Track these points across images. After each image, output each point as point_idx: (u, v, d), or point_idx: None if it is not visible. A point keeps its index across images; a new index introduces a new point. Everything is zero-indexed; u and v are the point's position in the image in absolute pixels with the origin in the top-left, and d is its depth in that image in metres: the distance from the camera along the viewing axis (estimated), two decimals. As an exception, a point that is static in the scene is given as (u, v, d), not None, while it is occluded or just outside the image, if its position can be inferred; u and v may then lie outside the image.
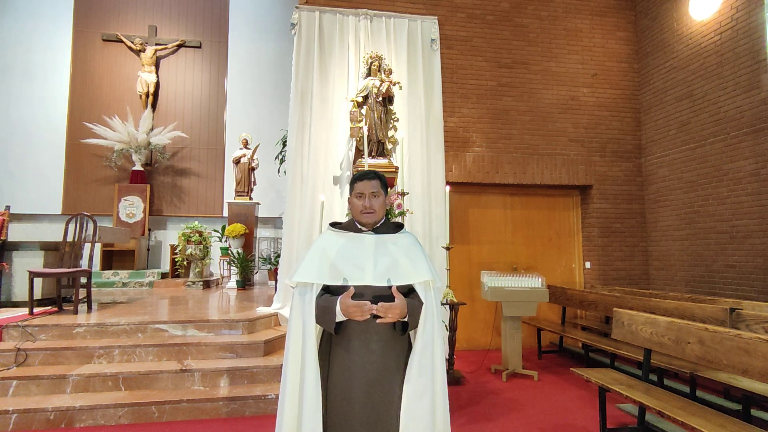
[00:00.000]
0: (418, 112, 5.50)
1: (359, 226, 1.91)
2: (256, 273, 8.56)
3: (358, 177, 1.91)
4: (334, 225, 1.95)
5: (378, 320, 1.71)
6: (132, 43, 9.36)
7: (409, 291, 1.86)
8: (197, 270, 7.53)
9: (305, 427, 1.71)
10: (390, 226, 1.96)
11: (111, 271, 7.98)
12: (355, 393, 1.75)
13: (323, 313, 1.77)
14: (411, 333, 1.90)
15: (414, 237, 1.97)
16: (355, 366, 1.76)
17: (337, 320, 1.75)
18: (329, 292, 1.85)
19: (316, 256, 1.84)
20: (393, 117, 5.21)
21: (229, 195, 8.75)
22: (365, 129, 4.81)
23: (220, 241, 7.84)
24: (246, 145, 8.36)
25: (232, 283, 7.47)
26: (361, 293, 1.76)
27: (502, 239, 6.28)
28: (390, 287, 1.77)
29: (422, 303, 1.81)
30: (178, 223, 8.71)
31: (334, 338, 1.82)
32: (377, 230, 1.91)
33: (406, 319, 1.78)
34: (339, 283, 1.78)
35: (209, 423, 3.39)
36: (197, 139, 9.57)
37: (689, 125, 5.63)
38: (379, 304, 1.70)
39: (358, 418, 1.73)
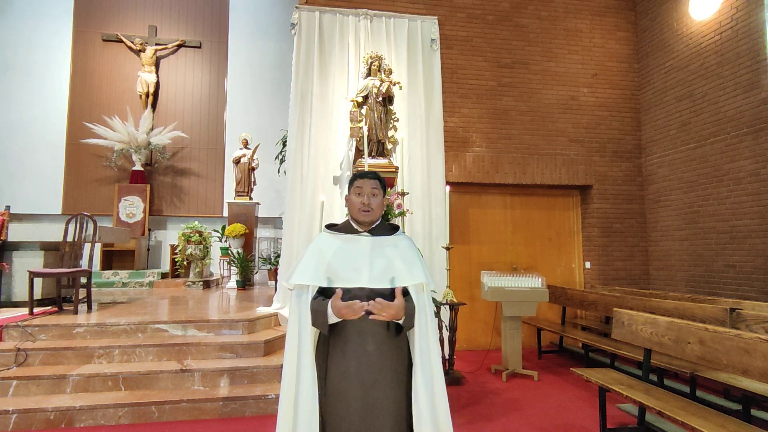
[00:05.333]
0: (418, 112, 5.50)
1: (355, 227, 1.91)
2: (256, 273, 8.56)
3: (358, 175, 1.91)
4: (330, 227, 1.95)
5: (371, 316, 1.69)
6: (132, 43, 9.36)
7: (403, 292, 1.87)
8: (197, 270, 7.53)
9: (301, 429, 1.73)
10: (386, 227, 1.95)
11: (111, 271, 7.98)
12: (351, 394, 1.74)
13: (317, 316, 1.77)
14: (408, 334, 1.91)
15: (410, 239, 1.97)
16: (351, 367, 1.76)
17: (330, 322, 1.75)
18: (326, 293, 1.85)
19: (312, 259, 1.84)
20: (393, 117, 5.21)
21: (229, 195, 8.75)
22: (365, 129, 4.81)
23: (220, 241, 7.84)
24: (246, 145, 8.36)
25: (232, 283, 7.47)
26: (357, 295, 1.75)
27: (502, 239, 6.28)
28: (387, 289, 1.77)
29: (414, 306, 1.82)
30: (178, 223, 8.71)
31: (331, 340, 1.82)
32: (373, 232, 1.90)
33: (400, 321, 1.78)
34: (334, 285, 1.77)
35: (209, 423, 3.39)
36: (197, 139, 9.57)
37: (689, 125, 5.63)
38: (377, 299, 1.68)
39: (355, 419, 1.73)
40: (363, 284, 1.76)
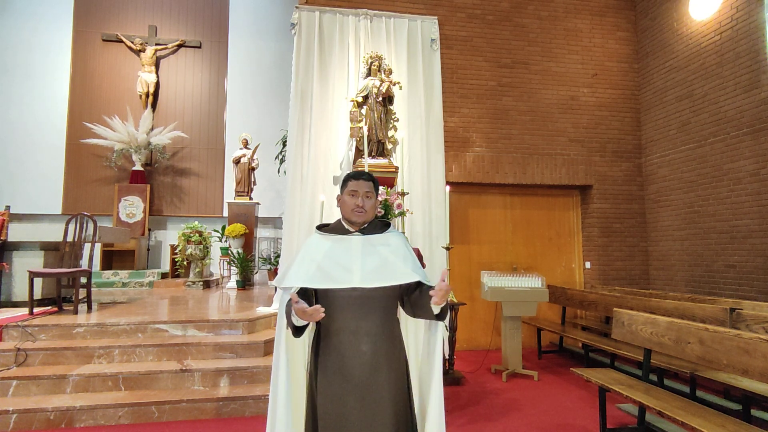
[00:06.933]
0: (418, 112, 5.50)
1: (347, 227, 1.90)
2: (256, 273, 8.56)
3: (353, 176, 1.88)
4: (321, 228, 1.94)
5: (433, 301, 1.67)
6: (132, 43, 9.36)
7: (401, 290, 1.89)
8: (197, 270, 7.53)
9: (278, 428, 1.75)
10: (377, 225, 1.94)
11: (111, 271, 7.97)
12: (348, 395, 1.74)
13: (287, 318, 1.76)
14: (405, 331, 1.96)
15: (402, 236, 1.95)
16: (346, 368, 1.75)
17: (297, 324, 1.71)
18: (316, 294, 1.85)
19: (303, 261, 1.83)
20: (393, 117, 5.20)
21: (229, 195, 8.75)
22: (365, 129, 4.81)
23: (220, 241, 7.84)
24: (246, 145, 8.36)
25: (232, 283, 7.47)
26: (349, 295, 1.75)
27: (502, 239, 6.28)
28: (379, 289, 1.77)
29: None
30: (178, 223, 8.70)
31: (324, 339, 1.81)
32: (364, 231, 1.88)
33: (439, 308, 1.75)
34: (325, 286, 1.76)
35: (209, 423, 3.39)
36: (197, 139, 9.56)
37: (689, 125, 5.63)
38: (445, 283, 1.66)
39: (354, 419, 1.72)
40: (355, 284, 1.74)
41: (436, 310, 1.74)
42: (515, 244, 6.31)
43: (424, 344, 2.01)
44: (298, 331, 1.74)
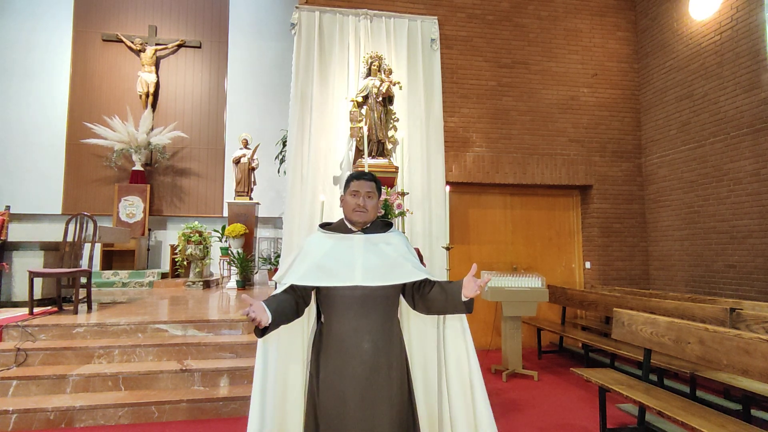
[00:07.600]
0: (418, 112, 5.50)
1: (349, 227, 1.91)
2: (256, 273, 8.56)
3: (355, 176, 1.90)
4: (324, 226, 1.95)
5: (473, 294, 1.76)
6: (132, 43, 9.36)
7: (403, 288, 1.90)
8: (197, 270, 7.53)
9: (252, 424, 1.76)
10: (378, 225, 1.95)
11: (111, 271, 7.97)
12: (348, 392, 1.74)
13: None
14: (405, 330, 1.98)
15: (403, 236, 1.97)
16: (346, 366, 1.76)
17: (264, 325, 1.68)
18: (318, 293, 1.87)
19: (306, 258, 1.84)
20: (393, 117, 5.20)
21: (229, 195, 8.75)
22: (365, 129, 4.80)
23: (220, 241, 7.84)
24: (246, 145, 8.36)
25: (232, 283, 7.48)
26: (350, 293, 1.76)
27: (502, 239, 6.28)
28: (380, 287, 1.78)
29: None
30: (178, 223, 8.71)
31: (325, 338, 1.82)
32: (366, 230, 1.90)
33: (469, 298, 1.81)
34: (326, 284, 1.77)
35: (209, 423, 3.39)
36: (197, 139, 9.57)
37: (689, 125, 5.63)
38: (485, 277, 1.75)
39: (353, 418, 1.73)
40: (356, 282, 1.76)
41: (468, 303, 1.80)
42: (515, 244, 6.31)
43: (439, 342, 2.01)
44: (262, 332, 1.69)
